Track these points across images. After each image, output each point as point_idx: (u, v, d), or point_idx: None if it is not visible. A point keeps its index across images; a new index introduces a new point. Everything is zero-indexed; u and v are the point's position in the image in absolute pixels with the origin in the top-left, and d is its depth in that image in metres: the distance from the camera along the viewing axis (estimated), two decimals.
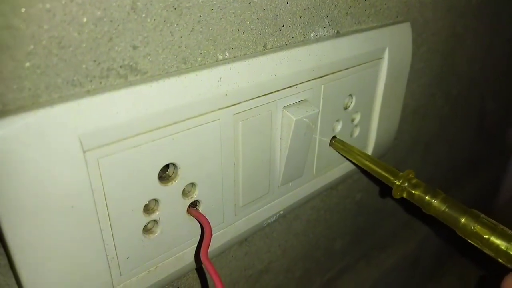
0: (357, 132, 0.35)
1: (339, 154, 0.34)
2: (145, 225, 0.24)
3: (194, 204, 0.26)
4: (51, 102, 0.18)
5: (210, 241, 0.24)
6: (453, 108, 0.53)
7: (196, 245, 0.27)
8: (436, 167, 0.58)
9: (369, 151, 0.38)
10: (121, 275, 0.23)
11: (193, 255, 0.27)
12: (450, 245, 0.66)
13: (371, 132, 0.37)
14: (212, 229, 0.25)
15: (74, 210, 0.20)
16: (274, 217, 0.32)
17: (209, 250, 0.25)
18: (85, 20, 0.18)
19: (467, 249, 0.37)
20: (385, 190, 0.48)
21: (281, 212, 0.32)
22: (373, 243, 0.52)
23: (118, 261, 0.23)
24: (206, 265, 0.23)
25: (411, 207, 0.57)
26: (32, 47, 0.18)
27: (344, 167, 0.36)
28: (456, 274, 0.70)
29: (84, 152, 0.19)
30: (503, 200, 0.91)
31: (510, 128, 0.81)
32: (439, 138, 0.54)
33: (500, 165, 0.85)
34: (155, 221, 0.24)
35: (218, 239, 0.28)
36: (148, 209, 0.23)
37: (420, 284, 0.64)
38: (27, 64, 0.18)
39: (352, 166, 0.37)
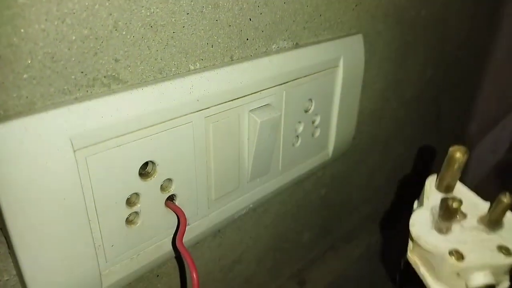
0: (317, 132, 0.39)
1: (301, 153, 0.38)
2: (128, 217, 0.27)
3: (171, 198, 0.29)
4: (45, 108, 0.21)
5: (185, 230, 0.27)
6: (408, 110, 0.58)
7: (173, 235, 0.30)
8: (395, 165, 0.63)
9: (330, 149, 0.42)
10: (106, 262, 0.26)
11: (171, 244, 0.30)
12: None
13: (331, 132, 0.41)
14: (187, 220, 0.29)
15: (66, 201, 0.23)
16: (245, 210, 0.35)
17: (185, 241, 0.28)
18: (74, 38, 0.22)
19: None
20: (347, 186, 0.52)
21: (251, 206, 0.36)
22: (340, 235, 0.56)
23: (104, 248, 0.26)
24: (181, 250, 0.26)
25: (373, 200, 0.61)
26: (29, 61, 0.21)
27: (307, 164, 0.40)
28: None
29: (74, 151, 0.22)
30: None
31: (468, 129, 0.87)
32: (397, 138, 0.59)
33: None
34: (137, 213, 0.27)
35: (193, 230, 0.31)
36: (130, 202, 0.26)
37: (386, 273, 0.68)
38: (25, 75, 0.21)
39: (315, 163, 0.41)
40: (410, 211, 0.32)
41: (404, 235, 0.31)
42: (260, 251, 0.42)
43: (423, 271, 0.29)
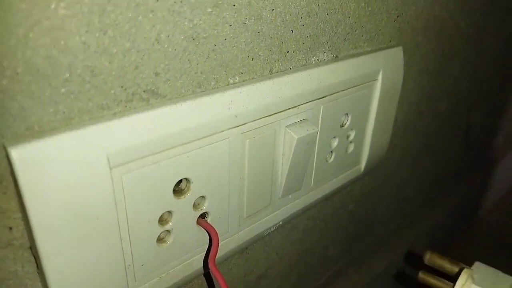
0: (351, 148, 0.38)
1: (334, 169, 0.37)
2: (159, 235, 0.25)
3: (203, 215, 0.28)
4: (82, 124, 0.20)
5: (217, 249, 0.26)
6: (439, 124, 0.56)
7: (203, 253, 0.29)
8: (424, 179, 0.61)
9: (362, 165, 0.40)
10: (135, 281, 0.25)
11: (201, 262, 0.29)
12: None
13: (365, 147, 0.39)
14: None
15: (99, 221, 0.22)
16: (274, 227, 0.34)
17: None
18: (115, 51, 0.20)
19: (451, 252, 0.39)
20: (375, 200, 0.51)
21: (281, 223, 0.35)
22: (363, 250, 0.55)
23: (134, 268, 0.25)
24: (213, 271, 0.25)
25: (399, 216, 0.60)
26: (67, 75, 0.19)
27: (339, 180, 0.38)
28: None
29: (111, 169, 0.21)
30: (487, 209, 0.94)
31: (495, 142, 0.85)
32: (426, 152, 0.57)
33: (483, 176, 0.88)
34: (168, 231, 0.26)
35: (223, 248, 0.30)
36: (162, 220, 0.25)
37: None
38: (63, 90, 0.20)
39: (347, 179, 0.39)
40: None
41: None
42: (286, 267, 0.41)
43: None
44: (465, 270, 0.25)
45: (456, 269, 0.26)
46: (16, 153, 0.18)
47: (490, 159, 0.87)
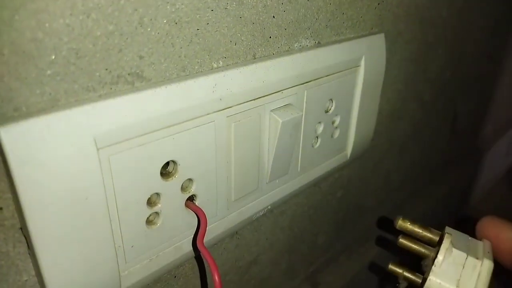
0: (337, 133, 0.38)
1: (320, 154, 0.37)
2: (148, 217, 0.26)
3: (191, 198, 0.28)
4: (69, 105, 0.21)
5: (205, 230, 0.27)
6: (425, 111, 0.57)
7: (193, 236, 0.29)
8: (412, 167, 0.62)
9: (348, 151, 0.41)
10: (126, 262, 0.26)
11: (190, 244, 0.29)
12: None
13: (350, 133, 0.40)
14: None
15: (88, 201, 0.22)
16: (263, 211, 0.35)
17: (204, 241, 0.28)
18: (99, 33, 0.21)
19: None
20: (363, 188, 0.51)
21: (269, 207, 0.35)
22: (354, 237, 0.55)
23: (124, 249, 0.25)
24: (202, 251, 0.25)
25: (388, 204, 0.60)
26: (53, 57, 0.20)
27: (325, 165, 0.39)
28: None
29: (98, 150, 0.22)
30: (476, 198, 0.96)
31: (482, 131, 0.86)
32: (413, 140, 0.58)
33: (472, 165, 0.90)
34: (157, 213, 0.26)
35: (212, 231, 0.31)
36: (150, 202, 0.26)
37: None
38: (49, 72, 0.20)
39: (333, 165, 0.40)
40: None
41: None
42: (276, 253, 0.42)
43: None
44: (447, 235, 0.26)
45: (428, 234, 0.27)
46: (5, 133, 0.19)
47: (478, 148, 0.88)
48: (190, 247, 0.29)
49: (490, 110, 0.84)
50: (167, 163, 0.26)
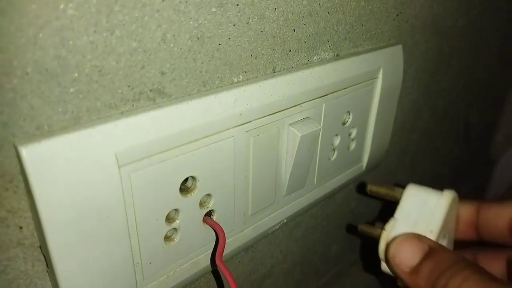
0: (353, 145, 0.38)
1: (337, 166, 0.37)
2: (166, 233, 0.26)
3: (209, 214, 0.28)
4: (91, 123, 0.20)
5: (224, 247, 0.26)
6: (438, 122, 0.57)
7: (210, 251, 0.29)
8: (423, 177, 0.61)
9: (364, 162, 0.41)
10: (143, 279, 0.26)
11: (207, 260, 0.29)
12: None
13: (366, 145, 0.40)
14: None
15: (108, 220, 0.22)
16: (279, 225, 0.34)
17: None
18: (122, 50, 0.21)
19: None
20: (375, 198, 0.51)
21: (285, 220, 0.35)
22: (366, 248, 0.55)
23: (142, 266, 0.25)
24: (221, 269, 0.25)
25: None
26: (76, 74, 0.20)
27: (341, 177, 0.39)
28: None
29: (119, 167, 0.21)
30: None
31: (494, 140, 0.85)
32: (425, 150, 0.57)
33: (484, 175, 0.89)
34: (175, 229, 0.26)
35: (228, 246, 0.30)
36: (169, 218, 0.26)
37: None
38: (71, 89, 0.20)
39: (349, 177, 0.39)
40: None
41: None
42: (289, 265, 0.41)
43: None
44: (410, 185, 0.31)
45: (393, 192, 0.32)
46: (27, 152, 0.19)
47: (490, 157, 0.87)
48: (206, 263, 0.29)
49: (501, 119, 0.83)
50: (186, 179, 0.26)
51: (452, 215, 0.29)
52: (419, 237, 0.26)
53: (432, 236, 0.27)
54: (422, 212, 0.28)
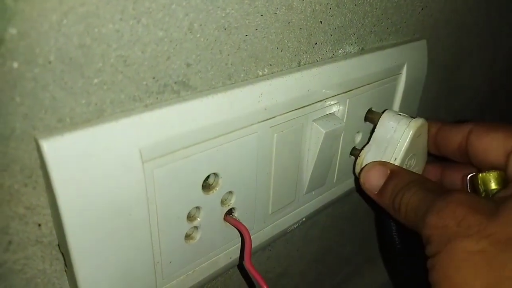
0: None
1: None
2: (187, 231, 0.25)
3: (229, 212, 0.27)
4: (115, 116, 0.19)
5: (251, 248, 0.25)
6: (454, 119, 0.55)
7: (229, 251, 0.28)
8: None
9: None
10: (163, 278, 0.25)
11: (226, 259, 0.28)
12: None
13: None
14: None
15: (131, 217, 0.21)
16: (297, 223, 0.33)
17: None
18: (148, 40, 0.20)
19: None
20: None
21: (303, 219, 0.34)
22: (380, 249, 0.54)
23: (162, 265, 0.24)
24: (250, 271, 0.24)
25: None
26: (100, 64, 0.19)
27: None
28: None
29: (143, 163, 0.20)
30: None
31: None
32: None
33: None
34: (196, 227, 0.25)
35: None
36: (190, 216, 0.25)
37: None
38: (95, 80, 0.19)
39: None
40: None
41: None
42: (304, 264, 0.40)
43: None
44: (387, 111, 0.32)
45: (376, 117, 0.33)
46: (48, 146, 0.18)
47: None
48: (225, 262, 0.28)
49: None
50: (208, 176, 0.25)
51: (423, 138, 0.32)
52: (383, 163, 0.30)
53: (397, 163, 0.30)
54: (390, 140, 0.30)
